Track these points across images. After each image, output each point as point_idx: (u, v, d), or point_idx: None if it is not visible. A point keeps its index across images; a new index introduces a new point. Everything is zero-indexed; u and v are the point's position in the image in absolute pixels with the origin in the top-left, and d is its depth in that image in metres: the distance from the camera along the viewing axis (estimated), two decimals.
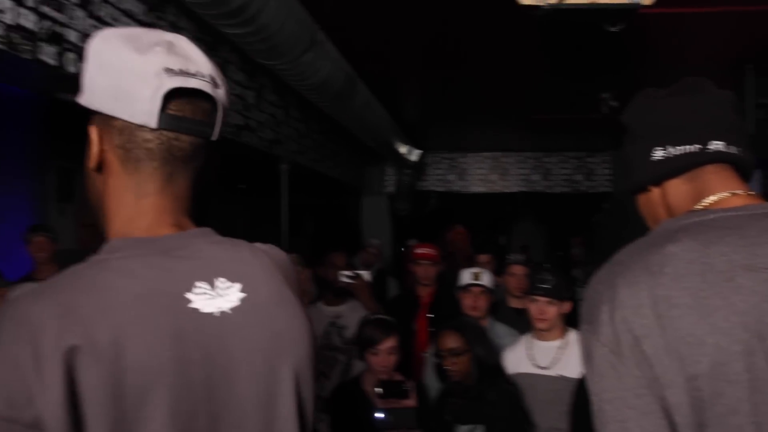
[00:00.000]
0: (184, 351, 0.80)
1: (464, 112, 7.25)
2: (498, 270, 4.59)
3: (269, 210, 6.88)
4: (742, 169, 1.13)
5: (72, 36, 2.65)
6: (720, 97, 1.14)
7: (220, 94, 0.90)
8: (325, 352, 3.29)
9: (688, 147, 1.10)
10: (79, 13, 2.67)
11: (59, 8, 2.56)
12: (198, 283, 0.85)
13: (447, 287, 4.19)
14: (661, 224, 1.13)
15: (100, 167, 0.90)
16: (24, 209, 7.18)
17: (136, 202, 0.89)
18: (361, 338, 2.70)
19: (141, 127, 0.85)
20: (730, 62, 4.71)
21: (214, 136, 0.90)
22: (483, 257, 4.70)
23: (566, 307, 2.84)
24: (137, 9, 3.02)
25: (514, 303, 3.87)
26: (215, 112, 0.89)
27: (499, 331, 3.33)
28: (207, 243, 0.90)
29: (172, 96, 0.85)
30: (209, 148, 0.91)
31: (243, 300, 0.87)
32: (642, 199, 1.24)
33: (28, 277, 3.90)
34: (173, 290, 0.83)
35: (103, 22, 2.82)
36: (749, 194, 1.10)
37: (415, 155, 8.62)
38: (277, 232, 5.31)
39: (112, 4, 2.88)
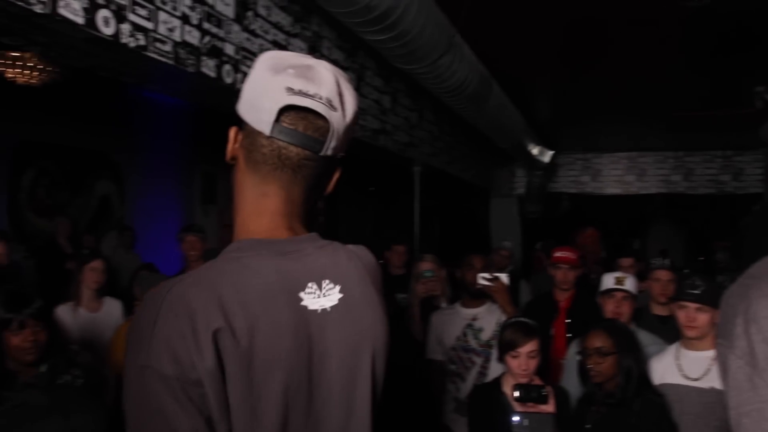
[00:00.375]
0: (297, 341, 0.98)
1: (599, 111, 7.01)
2: (639, 275, 4.40)
3: (398, 212, 7.00)
4: None
5: (229, 49, 2.83)
6: None
7: (335, 116, 1.01)
8: (461, 354, 3.29)
9: None
10: (235, 27, 2.86)
11: (219, 24, 2.75)
12: (309, 284, 1.02)
13: (586, 292, 4.07)
14: None
15: (234, 161, 1.08)
16: (173, 210, 7.75)
17: (256, 201, 1.05)
18: (502, 340, 2.67)
19: (260, 133, 1.01)
20: None
21: (325, 152, 1.01)
22: (625, 261, 4.52)
23: (717, 315, 2.66)
24: (285, 21, 3.18)
25: (658, 310, 3.68)
26: (329, 132, 1.00)
27: (643, 339, 3.17)
28: (314, 247, 1.06)
29: (289, 111, 0.99)
30: (330, 163, 1.05)
31: (341, 300, 1.04)
32: None
33: (182, 273, 4.18)
34: (290, 288, 1.00)
35: (256, 35, 3.00)
36: None
37: (547, 156, 8.44)
38: (407, 235, 5.38)
39: (263, 18, 3.05)
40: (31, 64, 4.42)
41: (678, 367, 2.67)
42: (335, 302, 1.03)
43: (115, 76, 2.80)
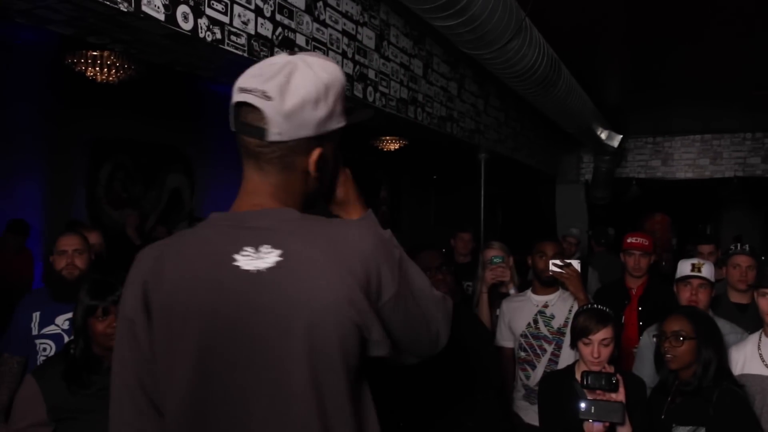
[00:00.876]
0: (221, 295, 1.10)
1: (670, 93, 6.78)
2: (717, 262, 4.26)
3: (461, 200, 6.96)
4: None
5: (300, 40, 2.88)
6: None
7: (269, 104, 1.12)
8: (532, 341, 3.27)
9: None
10: (306, 18, 2.90)
11: (290, 15, 2.79)
12: (246, 248, 1.12)
13: (658, 279, 3.97)
14: None
15: None
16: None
17: (241, 184, 1.22)
18: (575, 327, 2.63)
19: None
20: None
21: (272, 137, 1.13)
22: (705, 248, 4.39)
23: None
24: (353, 10, 3.20)
25: (737, 297, 3.56)
26: (264, 119, 1.12)
27: (722, 327, 3.07)
28: (278, 219, 1.15)
29: (240, 107, 1.15)
30: (298, 145, 1.16)
31: (278, 263, 1.10)
32: None
33: None
34: (225, 251, 1.12)
35: (326, 25, 3.03)
36: None
37: (615, 141, 8.22)
38: (471, 222, 5.34)
39: (333, 8, 3.09)
40: (110, 63, 4.59)
41: (761, 357, 2.58)
42: (271, 264, 1.10)
43: (191, 71, 2.88)
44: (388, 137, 7.78)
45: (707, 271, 3.21)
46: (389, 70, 3.58)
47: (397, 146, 8.04)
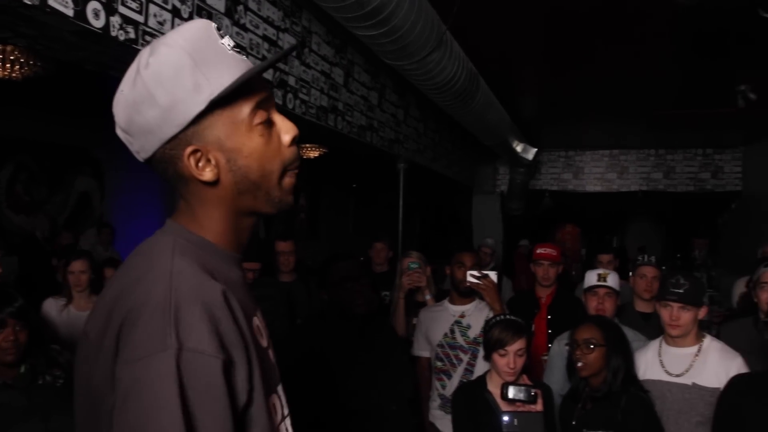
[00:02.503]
0: None
1: (582, 109, 7.06)
2: (620, 271, 4.45)
3: (380, 210, 6.99)
4: None
5: None
6: None
7: (117, 126, 1.00)
8: (448, 351, 3.30)
9: None
10: (226, 21, 2.82)
11: (209, 17, 2.72)
12: None
13: (566, 288, 4.10)
14: None
15: None
16: (155, 207, 7.66)
17: None
18: (490, 338, 2.67)
19: None
20: None
21: (140, 158, 1.01)
22: (605, 257, 4.57)
23: (702, 312, 2.69)
24: (275, 15, 3.15)
25: (641, 306, 3.72)
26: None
27: (626, 335, 3.21)
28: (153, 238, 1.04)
29: None
30: (163, 158, 0.98)
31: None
32: None
33: None
34: None
35: (246, 29, 2.97)
36: None
37: (530, 154, 8.48)
38: (389, 232, 5.36)
39: (254, 12, 3.02)
40: (13, 58, 4.32)
41: (660, 363, 2.69)
42: None
43: (102, 70, 2.74)
44: (308, 145, 7.73)
45: (612, 280, 3.35)
46: (310, 78, 3.54)
47: (317, 154, 7.99)
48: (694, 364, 2.64)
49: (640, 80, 5.53)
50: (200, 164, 0.96)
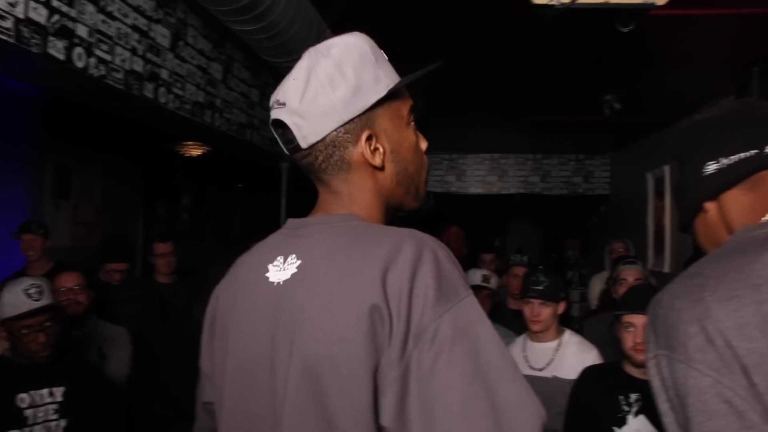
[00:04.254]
0: (250, 310, 1.00)
1: (464, 113, 7.24)
2: (499, 270, 4.61)
3: (268, 209, 6.86)
4: None
5: (82, 31, 2.62)
6: None
7: (283, 111, 1.01)
8: None
9: (743, 154, 1.02)
10: (90, 8, 2.65)
11: (70, 2, 2.54)
12: (278, 257, 1.00)
13: None
14: (736, 233, 0.99)
15: None
16: (19, 205, 7.15)
17: None
18: None
19: None
20: (736, 65, 4.71)
21: (303, 143, 1.01)
22: (487, 256, 4.72)
23: (561, 308, 2.85)
24: (146, 5, 3.00)
25: (513, 304, 3.87)
26: (287, 127, 1.02)
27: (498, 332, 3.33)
28: (321, 225, 1.02)
29: (276, 126, 1.04)
30: (337, 138, 1.01)
31: (293, 276, 0.97)
32: (699, 225, 1.12)
33: (21, 273, 3.84)
34: (265, 260, 1.02)
35: (113, 18, 2.80)
36: None
37: None
38: (273, 229, 5.28)
39: (122, 0, 2.86)
40: None
41: (525, 359, 2.81)
42: (288, 277, 0.97)
43: None
44: (190, 142, 7.46)
45: (494, 282, 3.50)
46: (185, 72, 3.40)
47: (199, 152, 7.72)
48: (555, 358, 2.78)
49: (518, 87, 5.74)
50: (373, 149, 1.02)
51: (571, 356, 2.78)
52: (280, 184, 5.32)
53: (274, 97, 1.03)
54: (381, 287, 0.87)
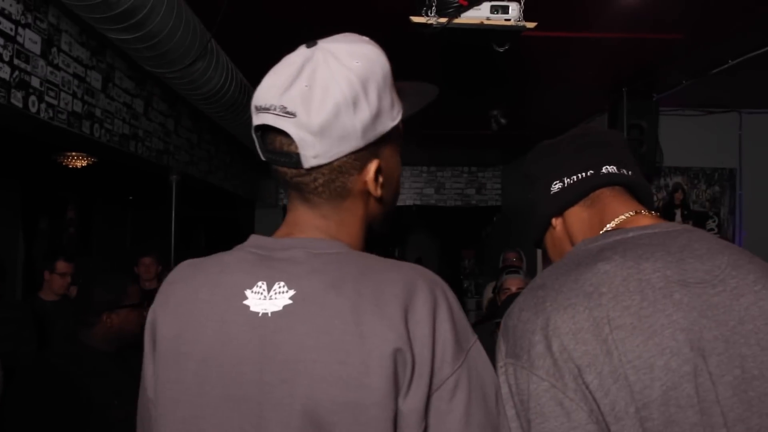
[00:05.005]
0: (222, 339, 0.88)
1: None
2: None
3: (159, 223, 6.64)
4: (637, 192, 1.14)
5: None
6: (609, 135, 1.20)
7: (292, 123, 0.88)
8: None
9: (581, 174, 1.13)
10: None
11: None
12: (259, 282, 0.89)
13: None
14: (576, 246, 1.08)
15: None
16: None
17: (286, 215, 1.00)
18: None
19: None
20: (608, 85, 5.02)
21: (308, 164, 0.90)
22: None
23: None
24: (13, 8, 2.84)
25: None
26: (293, 143, 0.89)
27: None
28: (309, 251, 0.91)
29: (266, 131, 0.92)
30: (345, 164, 0.93)
31: (287, 308, 0.86)
32: (548, 240, 1.23)
33: None
34: (240, 284, 0.90)
35: None
36: (652, 214, 1.10)
37: None
38: (167, 244, 5.13)
39: None
40: None
41: None
42: (278, 308, 0.86)
43: None
44: (73, 153, 7.10)
45: None
46: (59, 81, 3.24)
47: (84, 163, 7.37)
48: None
49: None
50: (377, 178, 0.96)
51: None
52: (171, 198, 5.15)
53: (270, 99, 0.89)
54: (404, 330, 0.82)
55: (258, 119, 0.92)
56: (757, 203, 5.74)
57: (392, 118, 0.96)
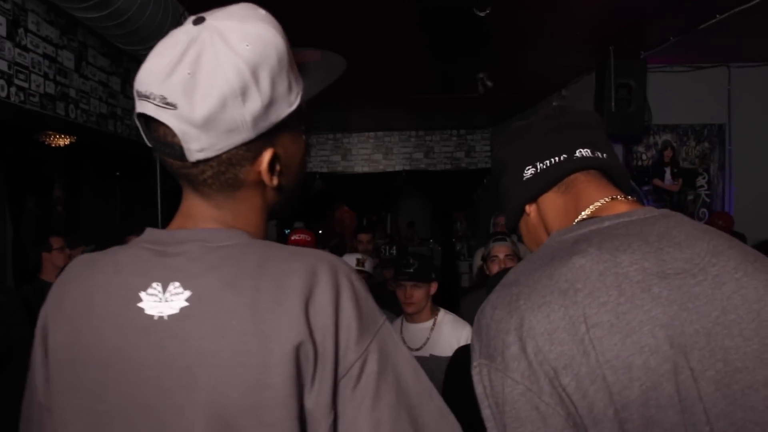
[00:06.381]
0: (119, 346, 0.82)
1: (347, 93, 7.20)
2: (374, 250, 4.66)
3: (147, 194, 6.57)
4: (613, 175, 1.09)
5: None
6: (583, 115, 1.13)
7: (173, 115, 0.80)
8: None
9: (555, 158, 1.07)
10: None
11: None
12: (154, 284, 0.83)
13: None
14: (550, 237, 1.01)
15: None
16: None
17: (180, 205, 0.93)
18: None
19: None
20: (595, 44, 4.93)
21: (190, 158, 0.83)
22: (363, 236, 4.73)
23: (432, 288, 2.92)
24: None
25: (392, 286, 3.92)
26: (175, 136, 0.81)
27: None
28: (205, 246, 0.85)
29: (149, 118, 0.83)
30: (236, 155, 0.86)
31: (183, 310, 0.81)
32: (522, 228, 1.17)
33: None
34: (133, 286, 0.84)
35: None
36: (629, 199, 1.04)
37: None
38: (153, 217, 5.09)
39: None
40: None
41: (402, 340, 2.86)
42: (175, 311, 0.81)
43: None
44: (52, 132, 7.00)
45: (368, 265, 3.52)
46: (29, 62, 3.15)
47: (67, 141, 7.28)
48: (431, 337, 2.85)
49: (396, 66, 5.76)
50: (273, 169, 0.89)
51: (446, 334, 2.86)
52: (155, 173, 5.09)
53: (150, 86, 0.80)
54: (305, 322, 0.79)
55: (139, 106, 0.84)
56: (747, 158, 5.71)
57: (289, 104, 0.88)
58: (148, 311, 0.82)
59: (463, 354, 2.61)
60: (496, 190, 1.24)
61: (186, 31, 0.82)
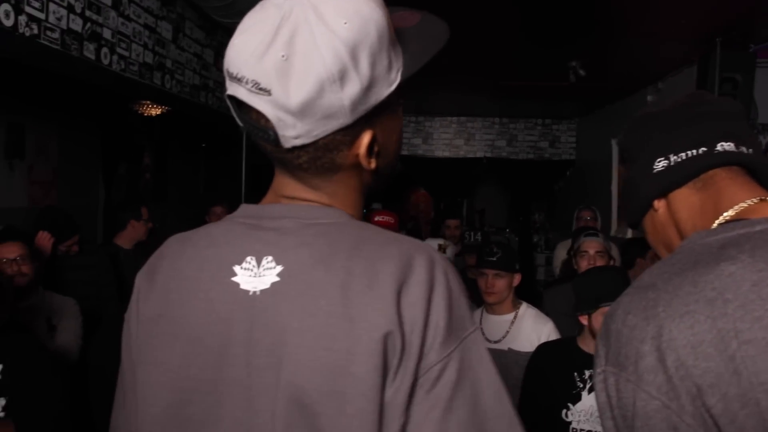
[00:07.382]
0: (210, 320, 0.80)
1: (431, 76, 7.13)
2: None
3: (230, 168, 6.72)
4: (758, 173, 0.97)
5: None
6: (725, 104, 1.02)
7: (267, 101, 0.76)
8: None
9: (692, 151, 0.96)
10: None
11: None
12: (249, 258, 0.81)
13: None
14: (689, 239, 0.91)
15: None
16: None
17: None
18: None
19: None
20: (700, 35, 4.67)
21: (286, 144, 0.80)
22: (452, 222, 4.69)
23: (516, 279, 2.84)
24: None
25: (473, 273, 3.86)
26: (269, 122, 0.78)
27: None
28: (301, 221, 0.83)
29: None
30: (334, 138, 0.81)
31: (274, 285, 0.79)
32: (648, 225, 1.06)
33: None
34: (228, 259, 0.82)
35: None
36: None
37: None
38: (237, 190, 5.19)
39: None
40: None
41: (481, 331, 2.80)
42: (266, 286, 0.78)
43: None
44: (148, 101, 7.24)
45: (450, 252, 3.47)
46: (130, 32, 3.23)
47: (158, 111, 7.52)
48: (511, 330, 2.78)
49: (485, 51, 5.65)
50: (374, 151, 0.85)
51: (527, 329, 2.78)
52: (241, 146, 5.18)
53: (242, 69, 0.75)
54: (396, 311, 0.74)
55: (230, 88, 0.80)
56: None
57: (389, 83, 0.82)
58: (243, 286, 0.80)
59: (546, 351, 2.53)
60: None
61: (277, 3, 0.77)
